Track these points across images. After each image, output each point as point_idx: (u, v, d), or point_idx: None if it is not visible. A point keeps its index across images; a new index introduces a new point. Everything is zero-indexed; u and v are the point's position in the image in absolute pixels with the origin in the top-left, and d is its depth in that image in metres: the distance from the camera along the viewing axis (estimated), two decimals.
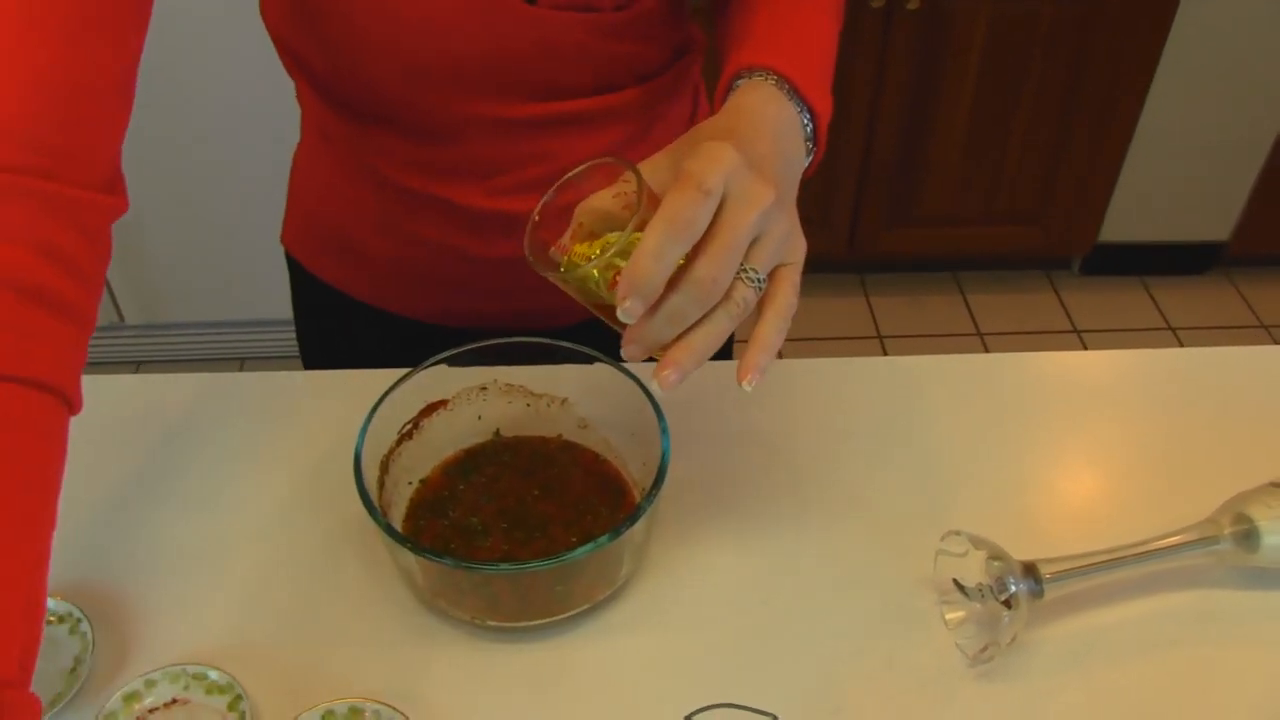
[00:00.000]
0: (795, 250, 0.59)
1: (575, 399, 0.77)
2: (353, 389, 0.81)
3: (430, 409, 0.74)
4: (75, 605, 0.66)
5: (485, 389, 0.77)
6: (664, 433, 0.67)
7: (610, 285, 0.55)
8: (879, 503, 0.76)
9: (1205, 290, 2.60)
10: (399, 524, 0.72)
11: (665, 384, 0.56)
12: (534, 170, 0.80)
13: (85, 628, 0.65)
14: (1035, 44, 2.14)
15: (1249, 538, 0.68)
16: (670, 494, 0.75)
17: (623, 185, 0.57)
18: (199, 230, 2.10)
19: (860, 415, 0.83)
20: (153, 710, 0.62)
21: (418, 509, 0.73)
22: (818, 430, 0.81)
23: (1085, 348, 2.42)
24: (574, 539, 0.71)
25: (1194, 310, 2.54)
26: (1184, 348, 0.90)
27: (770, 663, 0.66)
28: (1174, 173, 2.36)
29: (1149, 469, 0.79)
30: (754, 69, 0.65)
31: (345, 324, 0.94)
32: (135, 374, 0.87)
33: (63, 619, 0.66)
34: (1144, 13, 2.10)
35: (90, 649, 0.64)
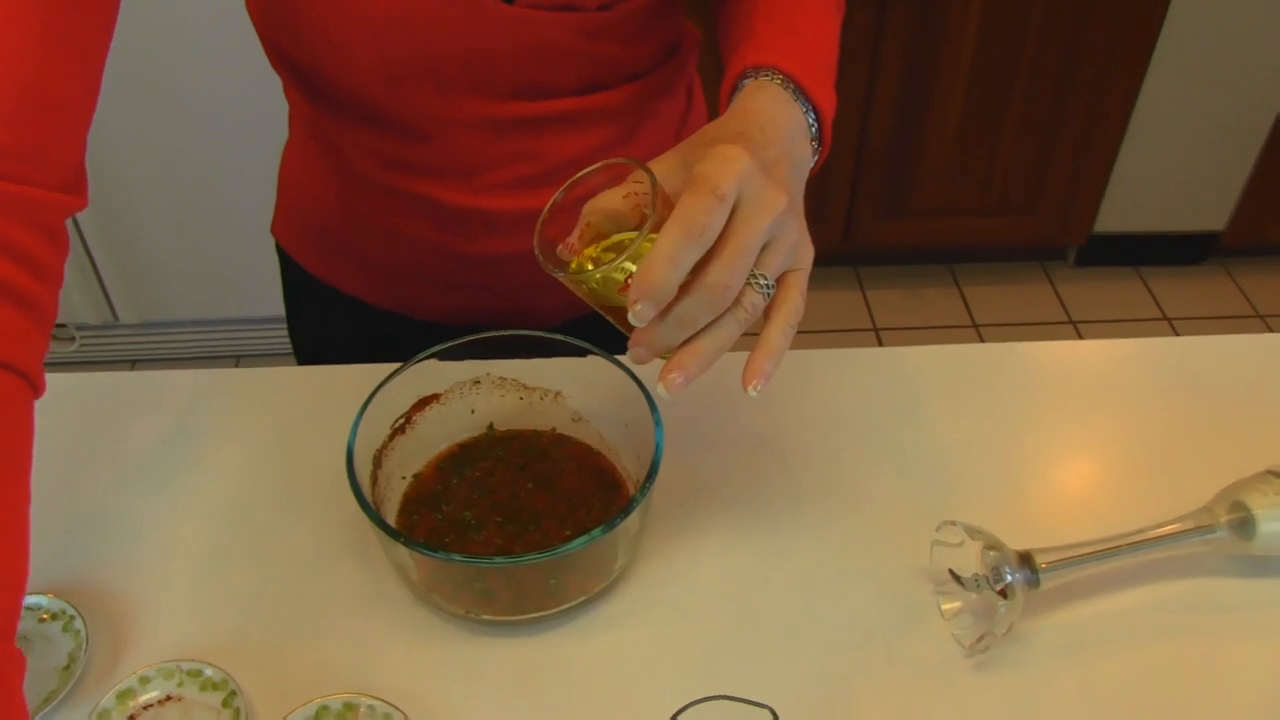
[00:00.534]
0: (804, 256, 0.59)
1: (568, 392, 0.77)
2: (345, 384, 0.81)
3: (423, 403, 0.74)
4: (69, 603, 0.66)
5: (478, 383, 0.76)
6: (657, 425, 0.67)
7: (622, 289, 0.55)
8: (874, 493, 0.76)
9: (1201, 281, 2.60)
10: (393, 519, 0.72)
11: (671, 388, 0.56)
12: (518, 169, 0.79)
13: (79, 625, 0.65)
14: (1029, 34, 2.14)
15: (1245, 526, 0.68)
16: (664, 486, 0.75)
17: (633, 185, 0.57)
18: (192, 228, 2.10)
19: (855, 406, 0.83)
20: (147, 707, 0.62)
21: (411, 504, 0.73)
22: (812, 421, 0.81)
23: (1081, 339, 2.42)
24: (568, 532, 0.70)
25: (1190, 301, 2.54)
26: (1179, 337, 0.90)
27: (765, 654, 0.66)
28: (1169, 163, 2.36)
29: (1145, 458, 0.79)
30: (760, 69, 0.65)
31: (335, 317, 0.94)
32: (129, 371, 0.86)
33: (56, 616, 0.66)
34: (1138, 2, 2.10)
35: (84, 646, 0.64)
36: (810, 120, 0.65)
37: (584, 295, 0.58)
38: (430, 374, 0.73)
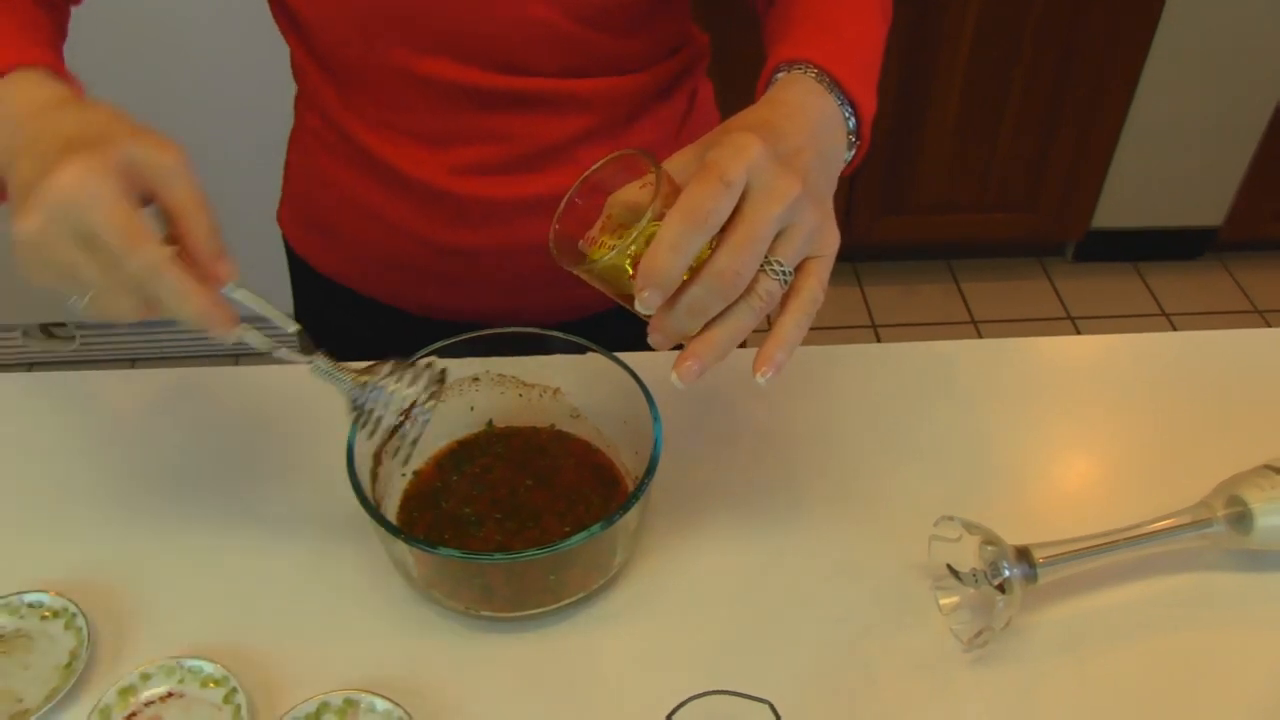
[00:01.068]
0: (825, 244, 0.58)
1: (567, 389, 0.77)
2: None
3: None
4: (70, 600, 0.66)
5: (477, 380, 0.77)
6: (656, 422, 0.67)
7: (632, 276, 0.55)
8: (872, 489, 0.76)
9: (1199, 276, 2.60)
10: (393, 516, 0.72)
11: (685, 376, 0.56)
12: (489, 150, 0.79)
13: (80, 622, 0.65)
14: (1026, 30, 2.14)
15: (1242, 520, 0.68)
16: (663, 482, 0.75)
17: (650, 176, 0.56)
18: None
19: (853, 401, 0.83)
20: (148, 704, 0.62)
21: (411, 500, 0.73)
22: (811, 418, 0.81)
23: (1079, 334, 2.42)
24: (567, 528, 0.71)
25: (1188, 296, 2.55)
26: (1177, 331, 0.90)
27: (764, 650, 0.66)
28: (1167, 158, 2.36)
29: (1142, 453, 0.80)
30: (794, 63, 0.64)
31: (337, 310, 0.94)
32: (129, 370, 0.87)
33: (58, 614, 0.66)
34: None
35: (86, 643, 0.64)
36: (847, 114, 0.64)
37: (602, 287, 0.58)
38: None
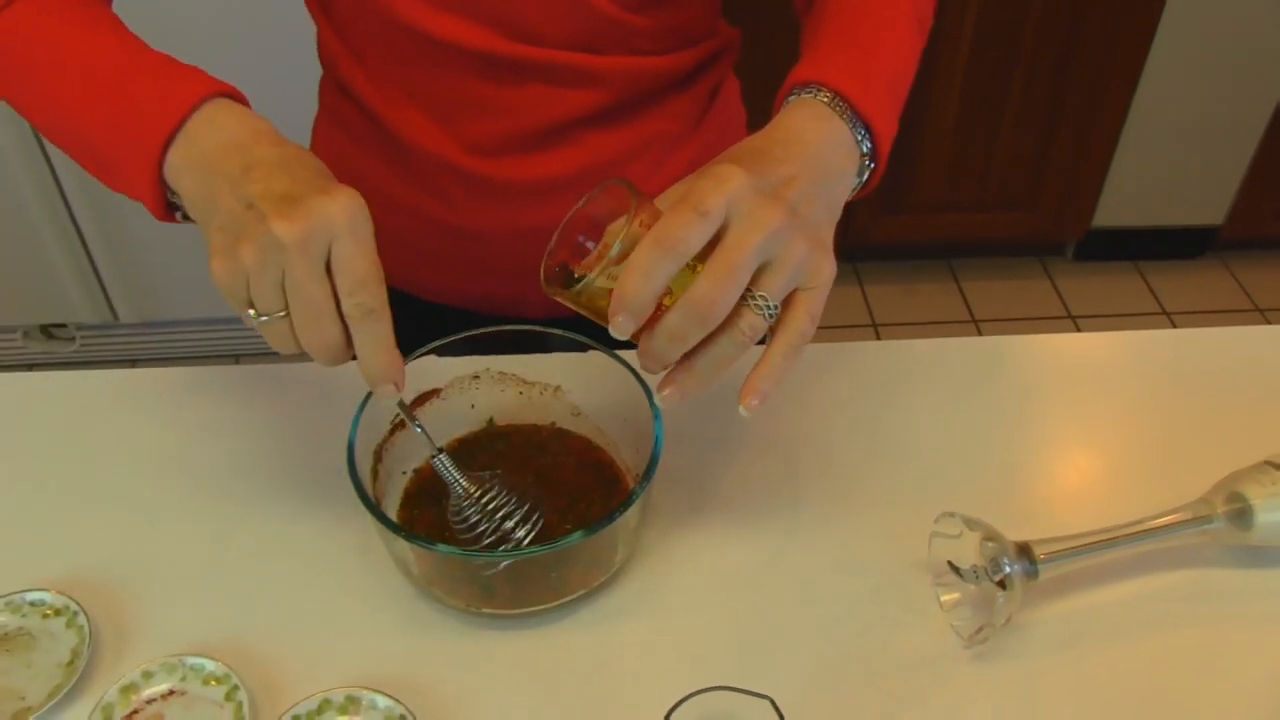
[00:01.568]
0: (816, 275, 0.57)
1: (568, 387, 0.77)
2: (345, 380, 0.81)
3: (423, 398, 0.74)
4: (72, 598, 0.66)
5: (478, 377, 0.77)
6: (656, 419, 0.67)
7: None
8: (873, 486, 0.76)
9: (1200, 275, 2.60)
10: (393, 513, 0.72)
11: (665, 402, 0.58)
12: (496, 123, 0.79)
13: (82, 620, 0.65)
14: (1026, 28, 2.14)
15: (1243, 516, 0.68)
16: (663, 480, 0.75)
17: (633, 204, 0.56)
18: (192, 228, 2.09)
19: (854, 398, 0.83)
20: (150, 701, 0.62)
21: (412, 498, 0.73)
22: (811, 415, 0.81)
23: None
24: (568, 526, 0.71)
25: (1188, 295, 2.55)
26: (1177, 329, 0.90)
27: (765, 646, 0.67)
28: (1167, 157, 2.36)
29: (1142, 449, 0.80)
30: (808, 85, 0.64)
31: None
32: (130, 369, 0.87)
33: (59, 612, 0.66)
34: None
35: (87, 641, 0.64)
36: (859, 137, 0.63)
37: (585, 313, 0.59)
38: (430, 369, 0.74)
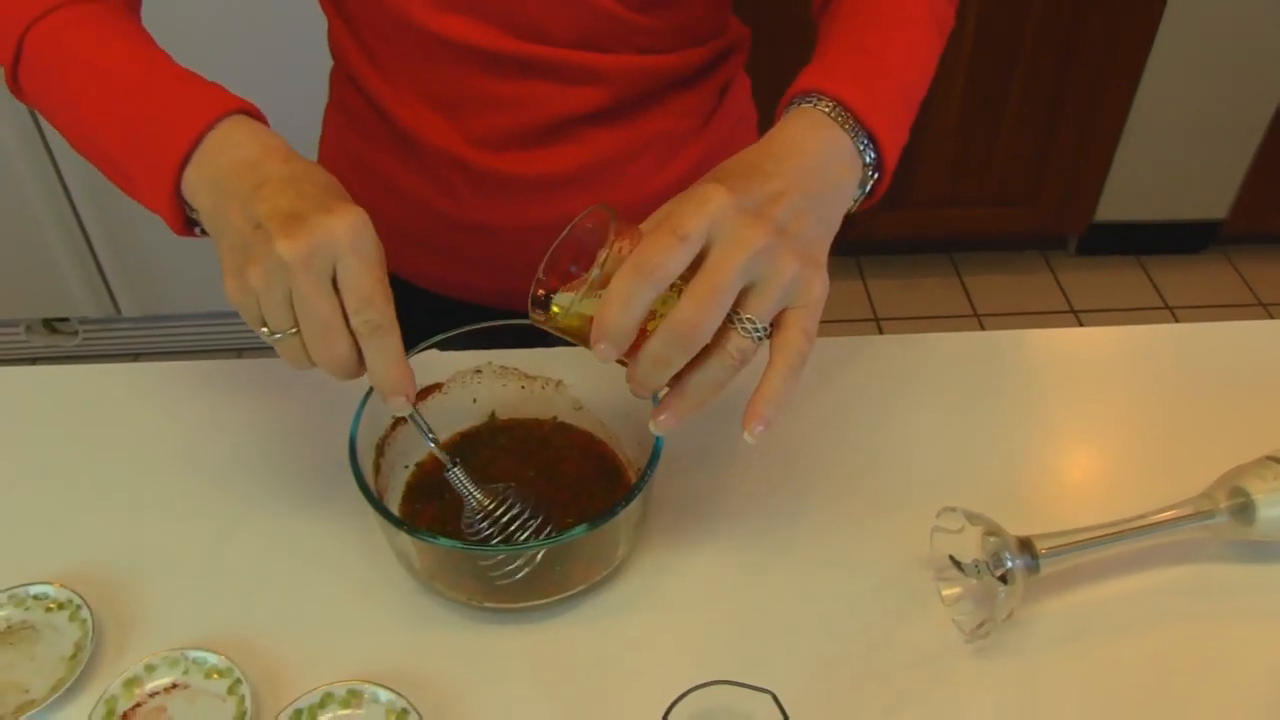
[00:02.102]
0: (807, 293, 0.56)
1: (570, 381, 0.77)
2: None
3: (425, 392, 0.74)
4: (75, 592, 0.66)
5: (480, 372, 0.77)
6: None
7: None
8: (875, 480, 0.76)
9: (1202, 269, 2.59)
10: (395, 508, 0.72)
11: (659, 428, 0.57)
12: (502, 118, 0.79)
13: (85, 614, 0.65)
14: (1028, 22, 2.13)
15: (1245, 511, 0.68)
16: (665, 474, 0.75)
17: (611, 229, 0.56)
18: None
19: (856, 393, 0.83)
20: (153, 695, 0.62)
21: (414, 492, 0.73)
22: (814, 409, 0.81)
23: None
24: (570, 520, 0.71)
25: (1191, 289, 2.54)
26: (1179, 323, 0.90)
27: (766, 641, 0.67)
28: (1170, 151, 2.36)
29: (1145, 444, 0.80)
30: (809, 94, 0.62)
31: None
32: (133, 363, 0.87)
33: (63, 605, 0.66)
34: None
35: (90, 635, 0.64)
36: (862, 147, 0.62)
37: (571, 339, 0.58)
38: (432, 363, 0.74)
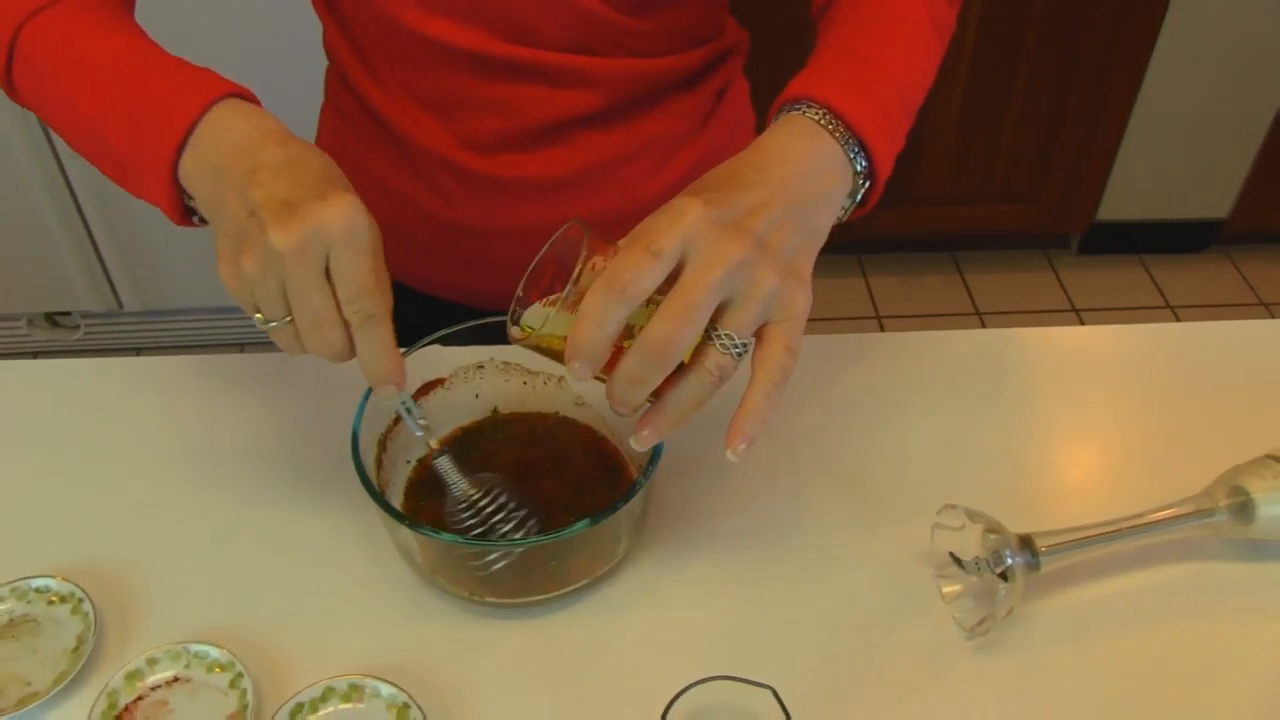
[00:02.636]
0: (789, 307, 0.54)
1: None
2: (350, 369, 0.81)
3: (427, 388, 0.75)
4: (77, 585, 0.67)
5: (482, 367, 0.77)
6: None
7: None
8: (875, 477, 0.76)
9: (1204, 268, 2.59)
10: (398, 503, 0.72)
11: (640, 444, 0.57)
12: (494, 121, 0.79)
13: (87, 607, 0.66)
14: (1031, 20, 2.13)
15: (1245, 510, 0.69)
16: (667, 470, 0.75)
17: (584, 246, 0.55)
18: None
19: (857, 390, 0.83)
20: (155, 688, 0.63)
21: (416, 487, 0.73)
22: (815, 407, 0.81)
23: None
24: (571, 516, 0.71)
25: (1193, 288, 2.54)
26: (1179, 322, 0.90)
27: (767, 637, 0.67)
28: (1172, 150, 2.35)
29: (1145, 442, 0.80)
30: (799, 100, 0.61)
31: None
32: (135, 358, 0.87)
33: (65, 599, 0.67)
34: None
35: (92, 628, 0.65)
36: (853, 154, 0.60)
37: (549, 357, 0.58)
38: (434, 359, 0.74)
